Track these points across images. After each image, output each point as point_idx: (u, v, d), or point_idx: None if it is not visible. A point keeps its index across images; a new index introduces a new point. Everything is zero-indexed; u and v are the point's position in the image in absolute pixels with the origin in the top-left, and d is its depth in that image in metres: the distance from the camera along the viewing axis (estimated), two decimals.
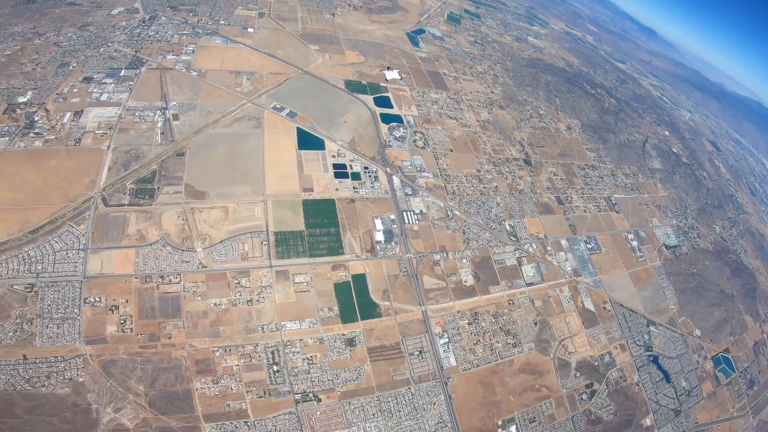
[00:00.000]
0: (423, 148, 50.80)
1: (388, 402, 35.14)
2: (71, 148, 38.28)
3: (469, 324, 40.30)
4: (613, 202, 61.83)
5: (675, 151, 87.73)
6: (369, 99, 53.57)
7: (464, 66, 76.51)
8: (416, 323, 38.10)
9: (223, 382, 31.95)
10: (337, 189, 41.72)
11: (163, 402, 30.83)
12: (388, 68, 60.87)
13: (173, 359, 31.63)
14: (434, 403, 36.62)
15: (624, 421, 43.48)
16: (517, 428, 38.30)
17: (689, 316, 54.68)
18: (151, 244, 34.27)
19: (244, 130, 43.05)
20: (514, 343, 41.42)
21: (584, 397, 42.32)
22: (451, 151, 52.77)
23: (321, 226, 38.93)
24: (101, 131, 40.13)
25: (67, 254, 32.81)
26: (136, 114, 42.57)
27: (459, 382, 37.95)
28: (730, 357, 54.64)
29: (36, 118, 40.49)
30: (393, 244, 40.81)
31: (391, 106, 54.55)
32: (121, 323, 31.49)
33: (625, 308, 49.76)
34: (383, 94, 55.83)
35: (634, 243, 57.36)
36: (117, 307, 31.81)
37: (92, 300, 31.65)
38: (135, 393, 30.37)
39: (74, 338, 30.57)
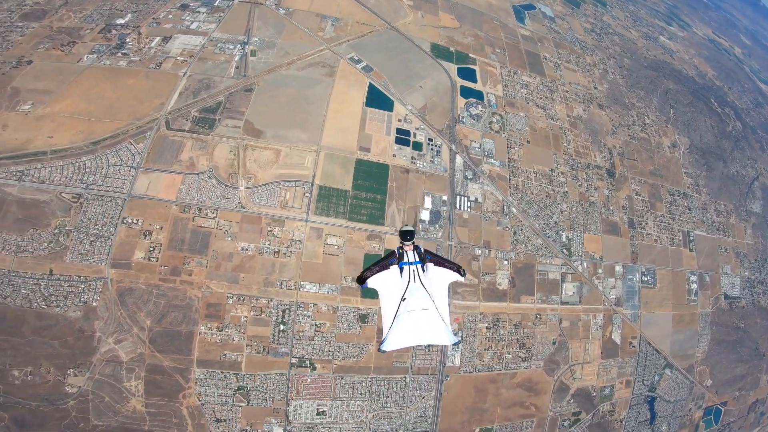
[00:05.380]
0: (498, 132, 44.39)
1: (380, 386, 32.52)
2: (151, 71, 37.14)
3: (487, 328, 35.67)
4: (692, 238, 51.43)
5: None
6: (453, 68, 47.21)
7: (571, 53, 65.97)
8: None
9: (227, 330, 30.14)
10: (394, 155, 37.18)
11: (163, 340, 29.64)
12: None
13: (187, 298, 30.01)
14: (423, 398, 33.70)
15: None
16: None
17: (710, 366, 47.11)
18: (198, 174, 32.45)
19: (315, 76, 39.44)
20: (525, 357, 37.01)
21: (566, 423, 38.63)
22: (528, 142, 45.60)
23: (368, 190, 35.02)
24: (182, 58, 38.63)
25: (119, 170, 31.79)
26: (218, 45, 40.54)
27: (455, 383, 34.61)
28: (722, 409, 47.98)
29: (128, 40, 39.82)
30: (437, 227, 35.96)
31: (474, 80, 48.05)
32: (150, 251, 30.13)
33: (651, 347, 43.10)
34: (470, 66, 49.24)
35: (694, 286, 48.10)
36: (150, 233, 30.39)
37: (130, 221, 30.47)
38: (140, 327, 29.27)
39: (102, 259, 29.54)
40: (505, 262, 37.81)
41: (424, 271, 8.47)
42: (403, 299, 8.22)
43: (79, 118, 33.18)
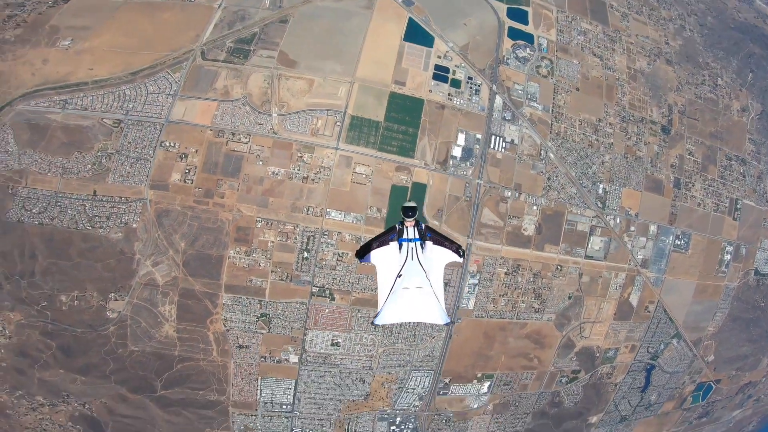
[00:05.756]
0: (545, 76, 41.52)
1: (393, 322, 32.60)
2: (186, 4, 36.91)
3: (506, 274, 34.78)
4: (738, 206, 46.77)
5: None
6: (502, 7, 43.88)
7: (644, 5, 58.92)
8: None
9: (254, 255, 30.93)
10: (430, 90, 35.76)
11: (196, 263, 30.71)
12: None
13: (218, 221, 30.85)
14: (433, 338, 33.92)
15: (576, 413, 39.87)
16: (490, 386, 36.03)
17: (718, 341, 44.31)
18: (232, 101, 32.84)
19: (352, 8, 37.86)
20: (538, 308, 36.13)
21: (563, 380, 38.49)
22: (578, 90, 42.42)
23: (400, 122, 34.24)
24: None
25: (157, 97, 32.59)
26: None
27: (466, 327, 34.69)
28: (714, 387, 45.85)
29: None
30: (468, 164, 34.84)
31: (525, 23, 44.76)
32: (186, 173, 31.04)
33: (666, 315, 40.85)
34: (522, 7, 45.61)
35: (728, 257, 44.24)
36: (186, 156, 31.31)
37: (167, 144, 31.43)
38: (176, 249, 30.42)
39: (141, 180, 30.68)
40: (534, 208, 36.32)
41: (422, 248, 8.26)
42: (399, 275, 8.07)
43: (118, 51, 33.90)
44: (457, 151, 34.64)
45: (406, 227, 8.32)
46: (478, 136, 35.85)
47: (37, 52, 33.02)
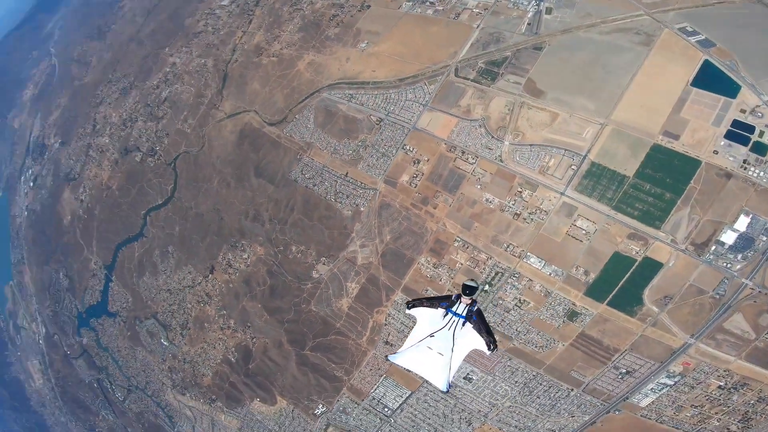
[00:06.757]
0: None
1: (540, 385, 24.26)
2: (450, 21, 32.90)
3: (719, 388, 21.62)
4: None
5: None
6: None
7: None
8: (661, 347, 22.09)
9: (439, 270, 26.53)
10: (715, 151, 22.52)
11: (390, 257, 28.20)
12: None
13: (423, 227, 27.42)
14: (573, 417, 24.15)
15: None
16: None
17: None
18: (471, 120, 27.99)
19: (623, 43, 26.76)
20: (738, 431, 22.01)
21: None
22: None
23: (656, 183, 22.84)
24: (477, 10, 32.70)
25: (412, 104, 30.35)
26: (512, 0, 32.39)
27: (620, 421, 23.46)
28: None
29: None
30: (738, 257, 21.28)
31: None
32: (413, 177, 28.44)
33: None
34: None
35: None
36: (418, 162, 28.54)
37: (407, 148, 29.21)
38: (381, 240, 28.35)
39: (380, 173, 29.48)
40: None
41: (462, 326, 7.29)
42: (431, 335, 7.38)
43: (395, 58, 32.36)
44: (728, 237, 21.40)
45: (460, 302, 7.22)
46: None
47: (344, 51, 34.03)
